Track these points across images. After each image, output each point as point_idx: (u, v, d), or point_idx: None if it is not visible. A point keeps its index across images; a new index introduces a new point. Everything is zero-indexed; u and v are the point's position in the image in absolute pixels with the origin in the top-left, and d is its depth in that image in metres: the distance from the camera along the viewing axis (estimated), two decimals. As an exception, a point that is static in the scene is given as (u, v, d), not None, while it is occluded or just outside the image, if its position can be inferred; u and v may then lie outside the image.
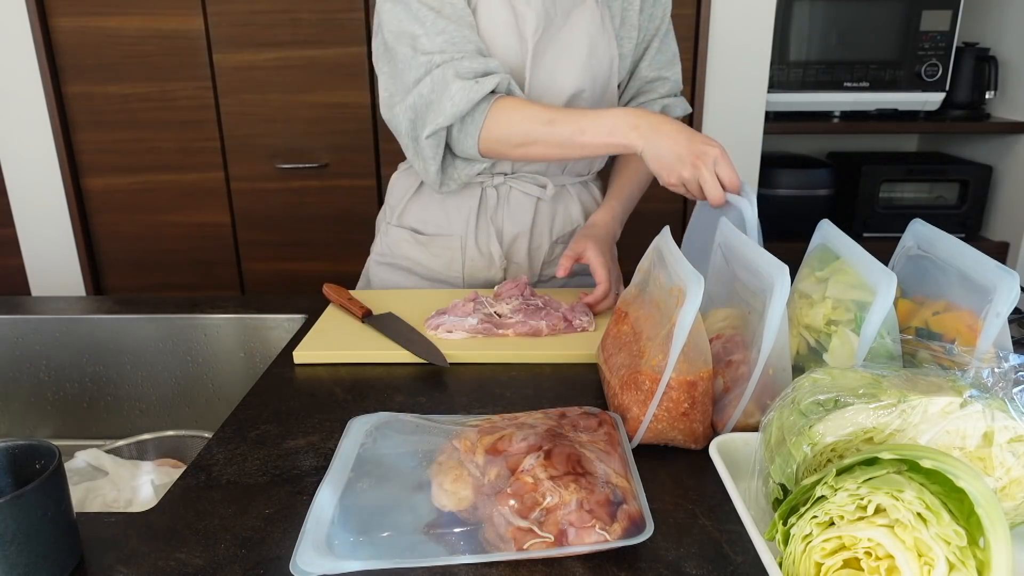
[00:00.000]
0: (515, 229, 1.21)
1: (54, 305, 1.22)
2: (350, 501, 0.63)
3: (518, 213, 1.21)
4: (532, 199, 1.20)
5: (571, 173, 1.24)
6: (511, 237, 1.21)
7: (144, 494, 0.88)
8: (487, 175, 1.19)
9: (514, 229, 1.21)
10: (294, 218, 2.16)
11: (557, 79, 1.13)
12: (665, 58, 1.23)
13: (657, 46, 1.21)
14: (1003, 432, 0.56)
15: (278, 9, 1.97)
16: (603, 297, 1.09)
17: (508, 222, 1.21)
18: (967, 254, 0.75)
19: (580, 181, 1.26)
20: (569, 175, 1.24)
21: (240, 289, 2.24)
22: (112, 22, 1.99)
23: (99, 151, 2.10)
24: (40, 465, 0.60)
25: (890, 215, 2.21)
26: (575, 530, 0.58)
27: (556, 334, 1.02)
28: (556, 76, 1.13)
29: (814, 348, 0.77)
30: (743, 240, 0.82)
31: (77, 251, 2.16)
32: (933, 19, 2.08)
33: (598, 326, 1.05)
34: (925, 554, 0.47)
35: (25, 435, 1.20)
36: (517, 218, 1.21)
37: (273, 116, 2.07)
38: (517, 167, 1.20)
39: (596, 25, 1.14)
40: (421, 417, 0.76)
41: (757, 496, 0.62)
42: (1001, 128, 2.17)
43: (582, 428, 0.70)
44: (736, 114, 2.07)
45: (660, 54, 1.22)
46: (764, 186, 2.18)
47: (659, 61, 1.23)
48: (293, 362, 0.97)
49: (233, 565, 0.60)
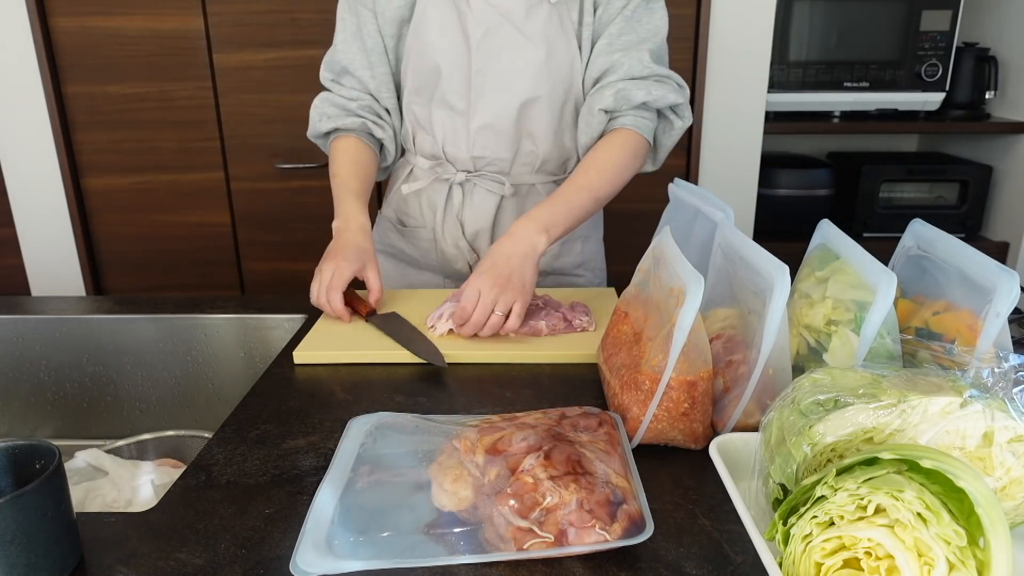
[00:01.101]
0: (477, 225, 1.23)
1: (54, 305, 1.22)
2: (350, 501, 0.63)
3: (481, 210, 1.22)
4: (495, 196, 1.21)
5: (543, 172, 1.23)
6: (473, 233, 1.23)
7: (144, 494, 0.88)
8: (452, 172, 1.21)
9: (476, 225, 1.23)
10: (294, 218, 2.16)
11: (512, 83, 1.13)
12: (625, 41, 1.13)
13: (618, 29, 1.12)
14: (1003, 432, 0.56)
15: (278, 9, 1.97)
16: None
17: (471, 218, 1.23)
18: (967, 254, 0.75)
19: (553, 180, 1.24)
20: (541, 174, 1.23)
21: (240, 289, 2.24)
22: (112, 22, 1.99)
23: (99, 151, 2.10)
24: (40, 465, 0.60)
25: (890, 215, 2.21)
26: (575, 530, 0.58)
27: (556, 334, 1.02)
28: (511, 80, 1.13)
29: (814, 348, 0.77)
30: (743, 240, 0.82)
31: (77, 251, 2.16)
32: (933, 19, 2.08)
33: (598, 326, 1.05)
34: (925, 554, 0.47)
35: (25, 435, 1.20)
36: (479, 215, 1.22)
37: (273, 116, 2.07)
38: (479, 165, 1.20)
39: (554, 26, 1.12)
40: (421, 417, 0.76)
41: (757, 496, 0.62)
42: (1001, 128, 2.17)
43: (582, 428, 0.70)
44: (736, 114, 2.07)
45: (621, 38, 1.13)
46: (764, 186, 2.18)
47: (619, 44, 1.13)
48: (293, 362, 0.98)
49: (233, 565, 0.60)
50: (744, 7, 1.99)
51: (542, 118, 1.16)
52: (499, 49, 1.12)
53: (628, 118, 1.12)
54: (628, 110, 1.12)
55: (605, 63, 1.12)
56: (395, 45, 1.19)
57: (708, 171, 2.13)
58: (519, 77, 1.13)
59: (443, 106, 1.17)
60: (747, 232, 2.17)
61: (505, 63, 1.12)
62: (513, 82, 1.13)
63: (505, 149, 1.18)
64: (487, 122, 1.16)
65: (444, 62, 1.14)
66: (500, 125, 1.16)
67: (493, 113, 1.15)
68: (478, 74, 1.13)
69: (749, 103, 2.07)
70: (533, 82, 1.13)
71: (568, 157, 1.23)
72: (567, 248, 1.28)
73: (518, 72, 1.13)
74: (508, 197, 1.22)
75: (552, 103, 1.15)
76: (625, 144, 1.13)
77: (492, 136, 1.17)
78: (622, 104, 1.11)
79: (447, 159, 1.21)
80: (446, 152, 1.21)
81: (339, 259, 1.05)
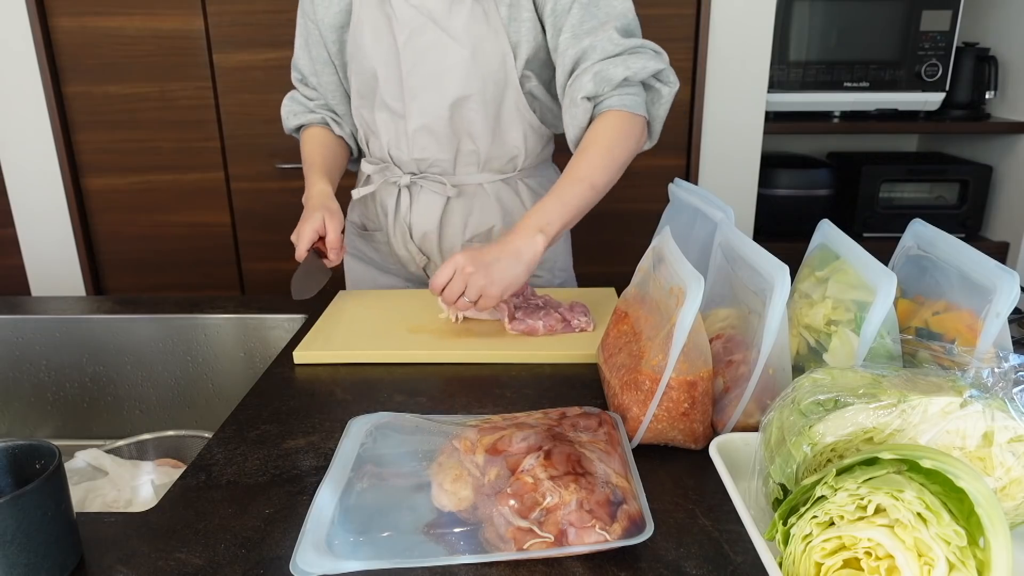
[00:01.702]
0: (424, 228, 1.23)
1: (54, 305, 1.22)
2: (350, 501, 0.63)
3: (426, 212, 1.22)
4: (441, 198, 1.21)
5: (489, 170, 1.21)
6: (420, 235, 1.24)
7: (144, 494, 0.88)
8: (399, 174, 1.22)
9: (423, 227, 1.23)
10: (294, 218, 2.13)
11: (441, 83, 1.12)
12: (589, 27, 1.07)
13: (578, 17, 1.07)
14: (1003, 432, 0.56)
15: (278, 9, 1.97)
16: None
17: (417, 220, 1.23)
18: (967, 254, 0.75)
19: (502, 179, 1.22)
20: (487, 172, 1.21)
21: (240, 289, 2.24)
22: (112, 22, 1.99)
23: (99, 151, 2.10)
24: (40, 465, 0.60)
25: (890, 215, 2.21)
26: (575, 530, 0.58)
27: (554, 334, 1.02)
28: (440, 80, 1.12)
29: (814, 348, 0.77)
30: (743, 240, 0.82)
31: (77, 251, 2.16)
32: (933, 19, 2.08)
33: (597, 326, 1.05)
34: (925, 554, 0.47)
35: (25, 435, 1.20)
36: (425, 217, 1.22)
37: (273, 116, 2.04)
38: (423, 167, 1.20)
39: (478, 22, 1.09)
40: (421, 417, 0.76)
41: (757, 496, 0.62)
42: (1001, 128, 2.17)
43: (582, 428, 0.70)
44: (736, 114, 2.07)
45: (583, 25, 1.07)
46: (764, 186, 2.18)
47: (583, 30, 1.08)
48: (293, 362, 0.98)
49: (233, 565, 0.60)
50: (744, 7, 1.99)
51: (476, 117, 1.14)
52: (424, 50, 1.11)
53: (613, 99, 1.07)
54: (610, 91, 1.07)
55: (575, 52, 1.08)
56: (338, 51, 1.21)
57: (708, 171, 2.13)
58: (447, 77, 1.12)
59: (384, 109, 1.18)
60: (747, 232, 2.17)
61: (432, 64, 1.11)
62: (442, 82, 1.12)
63: (444, 150, 1.17)
64: (423, 123, 1.15)
65: (379, 66, 1.14)
66: (435, 126, 1.15)
67: (427, 114, 1.14)
68: (408, 76, 1.13)
69: (749, 103, 2.07)
70: (462, 81, 1.12)
71: (515, 154, 1.20)
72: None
73: (446, 72, 1.11)
74: (453, 198, 1.21)
75: (485, 101, 1.13)
76: (615, 126, 1.08)
77: (429, 137, 1.16)
78: (603, 86, 1.06)
79: (393, 162, 1.22)
80: (392, 155, 1.22)
81: (302, 222, 1.13)
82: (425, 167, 1.20)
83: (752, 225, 2.19)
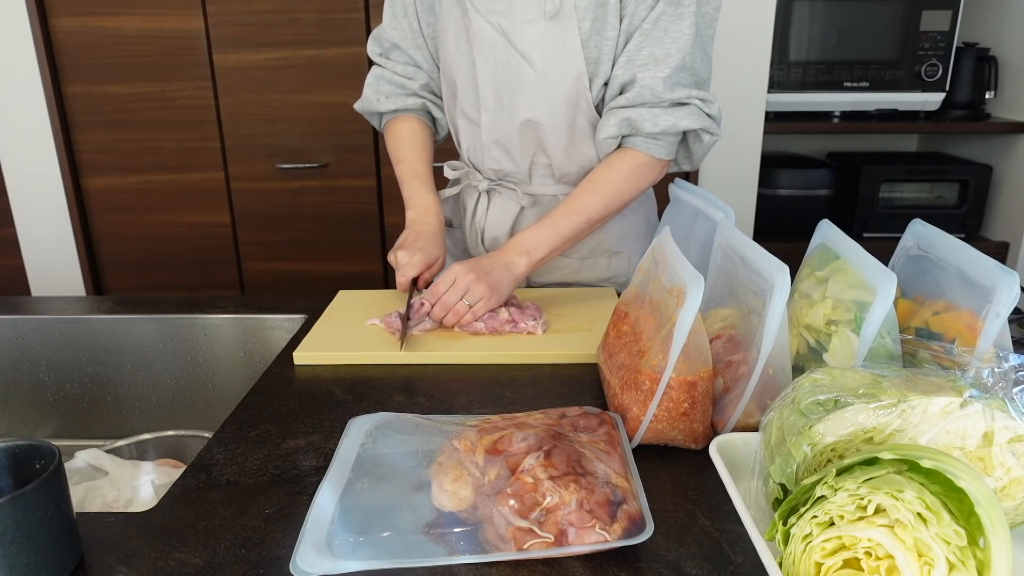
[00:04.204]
0: (495, 232, 1.23)
1: (54, 305, 1.22)
2: (350, 501, 0.63)
3: (500, 218, 1.22)
4: (515, 205, 1.21)
5: (563, 183, 1.19)
6: (491, 239, 1.24)
7: (144, 494, 0.88)
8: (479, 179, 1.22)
9: (494, 232, 1.23)
10: (294, 218, 2.16)
11: (512, 102, 1.11)
12: (645, 56, 1.03)
13: (636, 43, 1.03)
14: (1003, 432, 0.56)
15: (278, 9, 1.97)
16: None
17: (491, 225, 1.23)
18: (967, 254, 0.75)
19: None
20: (562, 184, 1.20)
21: (240, 289, 2.24)
22: (112, 22, 1.99)
23: (99, 151, 2.10)
24: (40, 465, 0.60)
25: (890, 215, 2.21)
26: (575, 530, 0.58)
27: (497, 335, 1.02)
28: (511, 99, 1.11)
29: (814, 348, 0.77)
30: (743, 240, 0.82)
31: (77, 251, 2.16)
32: (933, 19, 2.08)
33: (598, 326, 1.05)
34: (925, 554, 0.47)
35: (25, 435, 1.20)
36: (499, 222, 1.23)
37: (273, 116, 2.07)
38: (499, 175, 1.21)
39: (552, 42, 1.06)
40: (421, 417, 0.76)
41: (757, 496, 0.62)
42: (1001, 128, 2.17)
43: (582, 428, 0.70)
44: (736, 114, 2.07)
45: (639, 52, 1.03)
46: (764, 186, 2.18)
47: (637, 60, 1.03)
48: (293, 362, 0.97)
49: (233, 565, 0.60)
50: (744, 7, 1.99)
51: (548, 135, 1.12)
52: (496, 68, 1.10)
53: (638, 140, 1.08)
54: (637, 136, 1.08)
55: (625, 76, 1.05)
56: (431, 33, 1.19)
57: (708, 171, 2.13)
58: (518, 97, 1.11)
59: (463, 116, 1.19)
60: (747, 232, 2.17)
61: (503, 82, 1.11)
62: (514, 102, 1.11)
63: (517, 163, 1.18)
64: (495, 138, 1.16)
65: (458, 75, 1.14)
66: (507, 141, 1.15)
67: (498, 130, 1.15)
68: (483, 88, 1.12)
69: (749, 103, 2.07)
70: (532, 102, 1.10)
71: (590, 167, 1.17)
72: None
73: (516, 92, 1.10)
74: (528, 208, 1.21)
75: (556, 120, 1.11)
76: (632, 168, 1.09)
77: (502, 151, 1.17)
78: (631, 131, 1.08)
79: (473, 167, 1.23)
80: (471, 161, 1.23)
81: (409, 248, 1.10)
82: (502, 176, 1.21)
83: (752, 225, 2.19)
